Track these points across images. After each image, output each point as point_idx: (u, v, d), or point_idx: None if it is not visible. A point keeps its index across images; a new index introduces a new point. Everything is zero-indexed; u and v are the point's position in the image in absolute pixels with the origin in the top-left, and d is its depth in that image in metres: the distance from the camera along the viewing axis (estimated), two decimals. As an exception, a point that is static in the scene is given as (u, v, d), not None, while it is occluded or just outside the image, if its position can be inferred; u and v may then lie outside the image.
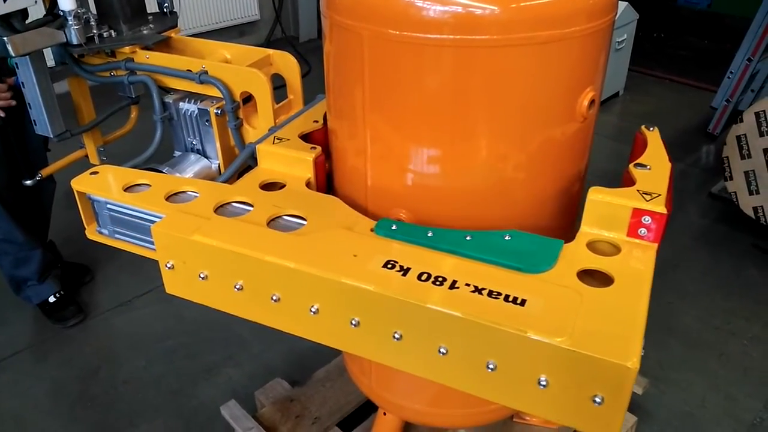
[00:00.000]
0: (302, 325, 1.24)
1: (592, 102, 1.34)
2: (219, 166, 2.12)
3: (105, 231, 1.66)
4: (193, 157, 2.12)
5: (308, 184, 1.55)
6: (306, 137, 1.67)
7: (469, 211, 1.41)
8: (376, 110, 1.36)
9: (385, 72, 1.28)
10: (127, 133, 2.67)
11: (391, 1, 1.20)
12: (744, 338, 3.10)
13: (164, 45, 2.29)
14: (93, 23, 2.17)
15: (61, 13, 2.10)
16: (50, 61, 2.28)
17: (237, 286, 1.27)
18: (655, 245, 1.22)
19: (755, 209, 3.63)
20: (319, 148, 1.58)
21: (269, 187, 1.54)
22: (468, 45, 1.16)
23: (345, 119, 1.48)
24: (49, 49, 2.19)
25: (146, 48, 2.19)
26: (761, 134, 3.53)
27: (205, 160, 2.13)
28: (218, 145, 2.04)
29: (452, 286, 1.11)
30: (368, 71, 1.30)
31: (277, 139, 1.63)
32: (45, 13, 2.21)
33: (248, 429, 2.31)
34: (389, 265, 1.17)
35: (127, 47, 2.18)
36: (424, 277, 1.13)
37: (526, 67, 1.21)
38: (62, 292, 3.20)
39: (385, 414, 2.10)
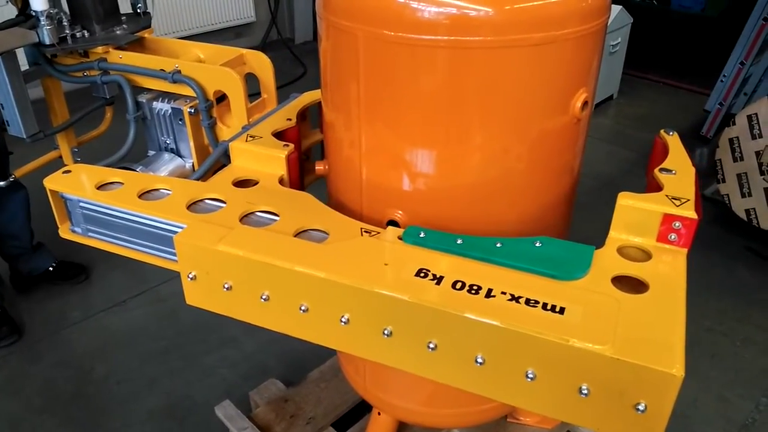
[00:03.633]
0: (332, 335, 1.24)
1: (585, 103, 1.38)
2: (193, 165, 2.15)
3: (78, 230, 1.67)
4: (167, 156, 2.15)
5: (281, 181, 1.56)
6: (279, 135, 1.71)
7: (464, 212, 1.43)
8: (370, 109, 1.39)
9: (380, 72, 1.30)
10: (101, 134, 2.68)
11: (386, 2, 1.22)
12: (736, 339, 3.16)
13: (138, 45, 2.33)
14: (66, 23, 2.19)
15: (33, 14, 2.11)
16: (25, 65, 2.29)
17: (263, 297, 1.26)
18: (685, 250, 1.22)
19: (747, 212, 3.70)
20: (291, 146, 1.60)
21: (242, 184, 1.55)
22: (462, 46, 1.19)
23: (340, 118, 1.50)
24: (23, 49, 2.20)
25: (119, 48, 2.22)
26: (753, 137, 3.60)
27: (179, 159, 2.16)
28: (192, 144, 2.08)
29: (488, 294, 1.10)
30: (363, 71, 1.32)
31: (250, 137, 1.64)
32: (17, 13, 2.22)
33: (243, 429, 2.32)
34: (422, 274, 1.16)
35: (100, 47, 2.20)
36: (458, 285, 1.13)
37: (520, 68, 1.24)
38: None
39: (379, 414, 2.11)
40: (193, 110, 2.01)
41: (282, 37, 6.80)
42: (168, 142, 2.14)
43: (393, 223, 1.46)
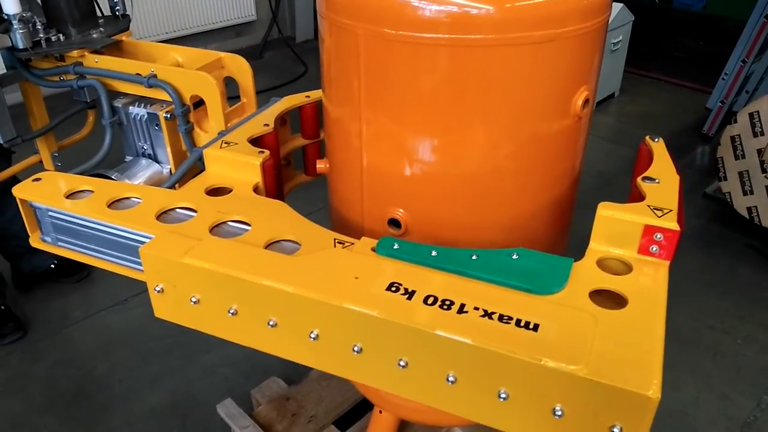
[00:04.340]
0: (301, 351, 1.20)
1: (586, 101, 1.35)
2: (171, 171, 2.11)
3: (48, 239, 1.62)
4: (144, 162, 2.11)
5: (256, 189, 1.49)
6: (256, 141, 1.66)
7: (465, 211, 1.40)
8: (371, 107, 1.37)
9: (381, 70, 1.30)
10: (83, 138, 2.63)
11: (387, 1, 1.23)
12: (738, 337, 3.13)
13: (115, 49, 2.27)
14: (39, 27, 2.13)
15: (6, 17, 2.06)
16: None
17: (231, 311, 1.19)
18: (667, 263, 1.14)
19: (749, 209, 3.67)
20: (267, 152, 1.54)
21: (216, 192, 1.48)
22: (463, 44, 1.18)
23: (341, 116, 1.48)
24: None
25: (96, 52, 2.16)
26: (755, 135, 3.56)
27: (157, 165, 2.12)
28: (169, 149, 2.03)
29: (461, 310, 1.03)
30: (364, 69, 1.32)
31: (225, 143, 1.56)
32: None
33: (244, 427, 2.29)
34: (393, 288, 1.10)
35: (75, 51, 2.14)
36: (430, 300, 1.06)
37: (521, 67, 1.24)
38: (2, 307, 3.10)
39: (381, 412, 2.08)
40: (169, 115, 1.96)
41: (283, 36, 6.78)
42: (145, 147, 2.09)
43: (394, 221, 1.44)
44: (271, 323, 1.17)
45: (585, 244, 1.24)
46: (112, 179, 1.90)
